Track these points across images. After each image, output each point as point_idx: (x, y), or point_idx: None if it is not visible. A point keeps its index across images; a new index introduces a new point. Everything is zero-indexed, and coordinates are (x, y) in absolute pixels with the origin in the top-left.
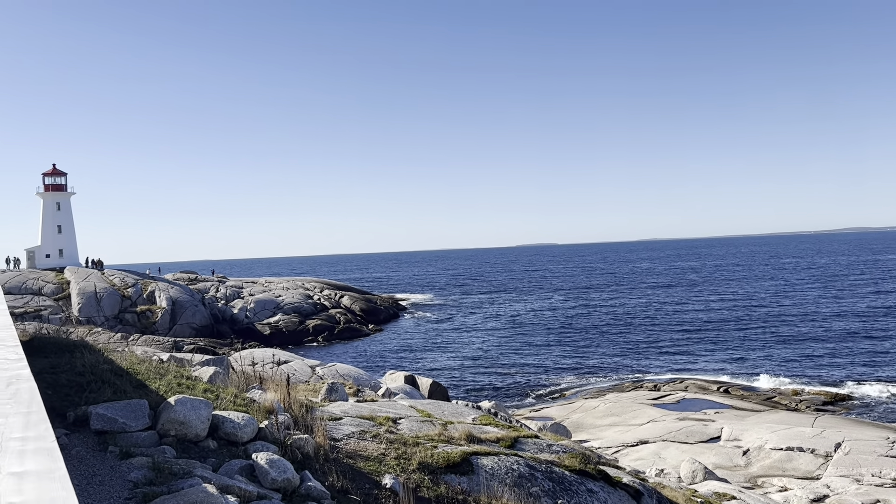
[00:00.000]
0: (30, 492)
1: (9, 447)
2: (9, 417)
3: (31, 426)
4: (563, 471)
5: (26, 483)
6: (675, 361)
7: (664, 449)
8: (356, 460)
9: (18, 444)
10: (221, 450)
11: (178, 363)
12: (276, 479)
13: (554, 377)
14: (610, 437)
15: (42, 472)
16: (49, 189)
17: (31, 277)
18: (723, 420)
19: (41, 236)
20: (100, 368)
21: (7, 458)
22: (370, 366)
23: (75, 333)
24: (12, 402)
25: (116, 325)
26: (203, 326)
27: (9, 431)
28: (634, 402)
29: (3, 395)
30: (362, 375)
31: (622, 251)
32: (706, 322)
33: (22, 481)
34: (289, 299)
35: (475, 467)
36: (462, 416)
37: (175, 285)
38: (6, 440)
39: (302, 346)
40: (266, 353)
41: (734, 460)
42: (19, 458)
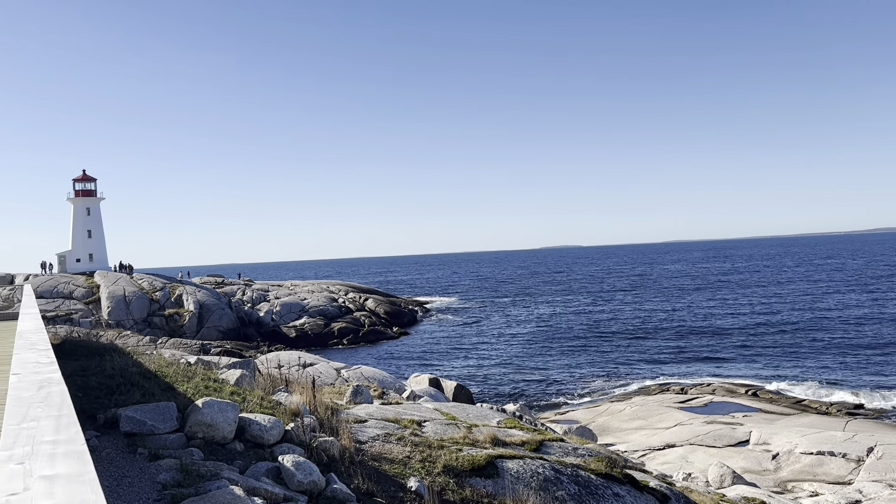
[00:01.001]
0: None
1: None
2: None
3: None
4: (589, 474)
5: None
6: (703, 365)
7: (691, 453)
8: (381, 463)
9: (49, 447)
10: (248, 452)
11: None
12: (302, 481)
13: (579, 380)
14: (636, 440)
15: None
16: (79, 194)
17: (62, 281)
18: (751, 424)
19: (72, 241)
20: (129, 371)
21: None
22: (394, 368)
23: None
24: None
25: (145, 329)
26: (230, 329)
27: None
28: (661, 406)
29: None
30: (387, 378)
31: (649, 252)
32: (734, 325)
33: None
34: (314, 302)
35: (500, 470)
36: (487, 419)
37: (202, 289)
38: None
39: (327, 348)
40: (292, 355)
41: (763, 464)
42: (50, 462)
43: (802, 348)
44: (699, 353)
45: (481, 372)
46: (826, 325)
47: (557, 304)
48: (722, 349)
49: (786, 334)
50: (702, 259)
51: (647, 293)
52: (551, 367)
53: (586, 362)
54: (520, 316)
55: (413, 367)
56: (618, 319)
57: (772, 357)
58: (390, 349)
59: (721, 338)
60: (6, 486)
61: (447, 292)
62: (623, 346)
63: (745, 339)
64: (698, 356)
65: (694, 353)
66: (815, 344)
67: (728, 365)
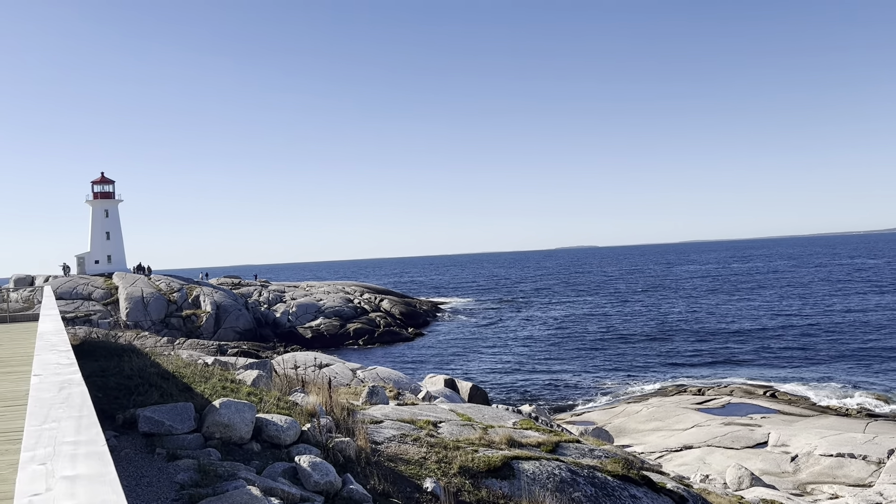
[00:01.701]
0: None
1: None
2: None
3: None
4: (606, 476)
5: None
6: (720, 366)
7: (709, 454)
8: (397, 464)
9: (70, 447)
10: (265, 452)
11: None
12: (319, 481)
13: (595, 381)
14: (653, 441)
15: (94, 475)
16: (97, 197)
17: (81, 283)
18: (769, 425)
19: (90, 243)
20: (147, 372)
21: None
22: (410, 369)
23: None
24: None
25: (163, 329)
26: (246, 330)
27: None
28: (678, 407)
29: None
30: (402, 379)
31: (665, 253)
32: (752, 326)
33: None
34: (330, 303)
35: (516, 472)
36: (502, 420)
37: (219, 290)
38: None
39: (342, 349)
40: (308, 356)
41: (782, 466)
42: (71, 462)
43: (822, 350)
44: (717, 355)
45: (496, 373)
46: (846, 326)
47: (573, 304)
48: (740, 351)
49: (805, 336)
50: (719, 259)
51: (663, 294)
52: (567, 369)
53: (602, 364)
54: (535, 317)
55: (428, 368)
56: (634, 320)
57: (790, 358)
58: (405, 350)
59: (739, 339)
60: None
61: (462, 293)
62: (639, 348)
63: (764, 340)
64: (716, 358)
65: (711, 354)
66: (834, 345)
67: (746, 366)
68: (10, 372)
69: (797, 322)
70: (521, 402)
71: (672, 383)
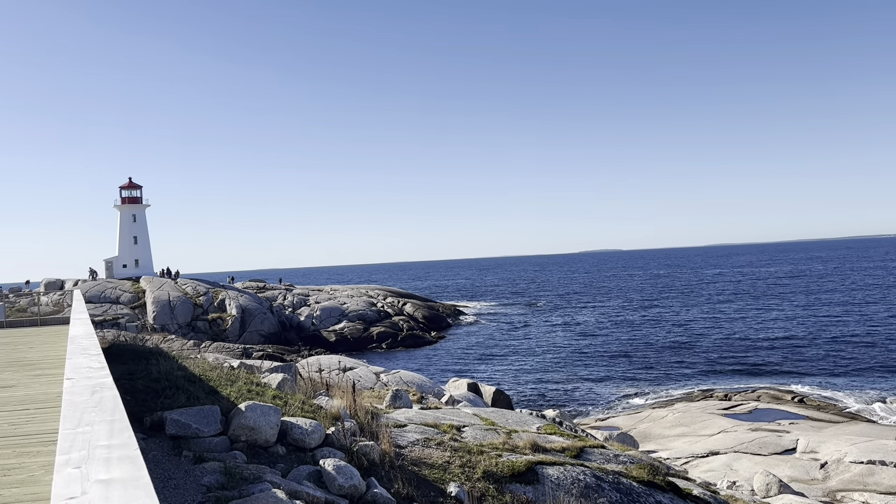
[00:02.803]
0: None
1: (95, 454)
2: (94, 425)
3: (115, 434)
4: (631, 482)
5: (113, 491)
6: (747, 371)
7: (736, 460)
8: (421, 468)
9: (104, 451)
10: (290, 455)
11: (248, 370)
12: (343, 485)
13: (620, 386)
14: (679, 447)
15: (127, 479)
16: (125, 202)
17: (109, 287)
18: (798, 431)
19: (118, 247)
20: (174, 375)
21: (94, 466)
22: (433, 373)
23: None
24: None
25: (189, 333)
26: (271, 333)
27: (95, 439)
28: (704, 412)
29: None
30: (426, 382)
31: (691, 256)
32: (780, 331)
33: (109, 489)
34: (353, 307)
35: (541, 477)
36: (526, 424)
37: (244, 294)
38: (93, 448)
39: (366, 352)
40: (332, 359)
41: (811, 473)
42: (105, 466)
43: (851, 356)
44: (743, 360)
45: (520, 377)
46: (877, 332)
47: (596, 309)
48: (767, 356)
49: (835, 342)
50: (747, 263)
51: (688, 298)
52: (591, 373)
53: (627, 368)
54: (559, 321)
55: (451, 372)
56: (659, 325)
57: (819, 364)
58: (428, 353)
59: (766, 344)
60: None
61: (485, 297)
62: (664, 353)
63: (791, 345)
64: (742, 363)
65: (737, 359)
66: (865, 351)
67: (773, 372)
68: (40, 374)
69: (826, 327)
70: (544, 406)
71: (698, 388)
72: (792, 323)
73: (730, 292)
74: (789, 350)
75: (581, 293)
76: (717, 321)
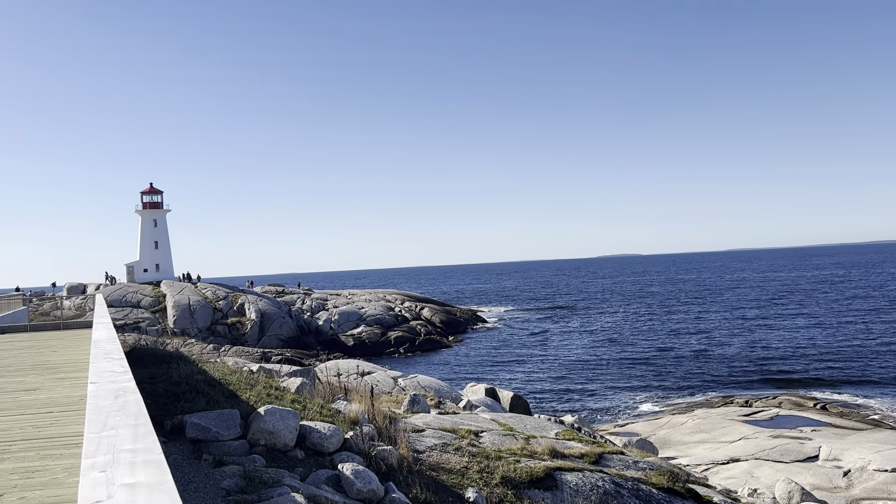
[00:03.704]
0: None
1: (120, 458)
2: (118, 429)
3: (139, 438)
4: (651, 488)
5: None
6: (768, 377)
7: (757, 468)
8: (439, 473)
9: (129, 455)
10: (309, 459)
11: (267, 374)
12: (362, 489)
13: (639, 392)
14: (699, 454)
15: (152, 483)
16: (146, 207)
17: (131, 291)
18: (820, 438)
19: (139, 252)
20: (194, 379)
21: (119, 470)
22: (450, 377)
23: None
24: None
25: (209, 337)
26: (290, 338)
27: (119, 443)
28: (724, 419)
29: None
30: (443, 387)
31: (711, 261)
32: (801, 337)
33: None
34: (371, 311)
35: (559, 483)
36: (544, 430)
37: (263, 298)
38: (117, 452)
39: (384, 357)
40: (350, 364)
41: (834, 481)
42: (130, 470)
43: (875, 363)
44: (765, 367)
45: (538, 382)
46: None
47: (615, 314)
48: (788, 362)
49: (857, 348)
50: (768, 268)
51: (709, 304)
52: (610, 379)
53: (646, 374)
54: (577, 326)
55: (469, 377)
56: (678, 331)
57: (842, 371)
58: (446, 358)
59: (787, 351)
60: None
61: (503, 302)
62: (684, 359)
63: (815, 352)
64: (764, 370)
65: (759, 366)
66: (891, 357)
67: (794, 378)
68: (64, 378)
69: (849, 334)
70: (563, 412)
71: (718, 395)
72: (814, 329)
73: (751, 297)
74: (811, 356)
75: (600, 298)
76: (738, 327)
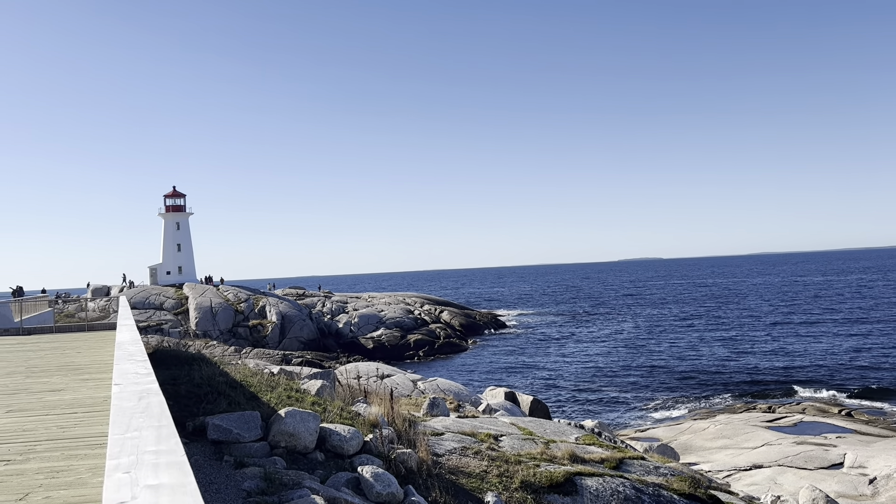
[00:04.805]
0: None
1: (144, 460)
2: (142, 431)
3: (162, 440)
4: (672, 494)
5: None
6: (792, 383)
7: (780, 474)
8: (458, 476)
9: (152, 457)
10: (328, 462)
11: (288, 376)
12: (381, 492)
13: (660, 397)
14: (721, 460)
15: (175, 485)
16: (169, 210)
17: (154, 293)
18: (845, 445)
19: (162, 254)
20: (216, 381)
21: (143, 471)
22: (469, 381)
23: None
24: (144, 415)
25: (230, 339)
26: (310, 340)
27: (143, 444)
28: (747, 424)
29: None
30: (462, 391)
31: (733, 265)
32: (825, 342)
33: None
34: (391, 314)
35: (579, 488)
36: (564, 435)
37: (284, 300)
38: (141, 453)
39: (403, 360)
40: (370, 366)
41: (859, 489)
42: (154, 471)
43: None
44: (788, 372)
45: (557, 386)
46: None
47: (637, 318)
48: (812, 368)
49: (885, 354)
50: (792, 273)
51: (732, 309)
52: (630, 383)
53: (667, 379)
54: (598, 330)
55: (488, 380)
56: (702, 335)
57: (867, 377)
58: (465, 361)
59: (810, 356)
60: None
61: (523, 305)
62: (707, 364)
63: (839, 357)
64: (787, 375)
65: (782, 372)
66: None
67: (820, 384)
68: (88, 379)
69: (875, 338)
70: (583, 416)
71: (740, 399)
72: (839, 334)
73: (775, 302)
74: (836, 362)
75: (620, 302)
76: (761, 332)
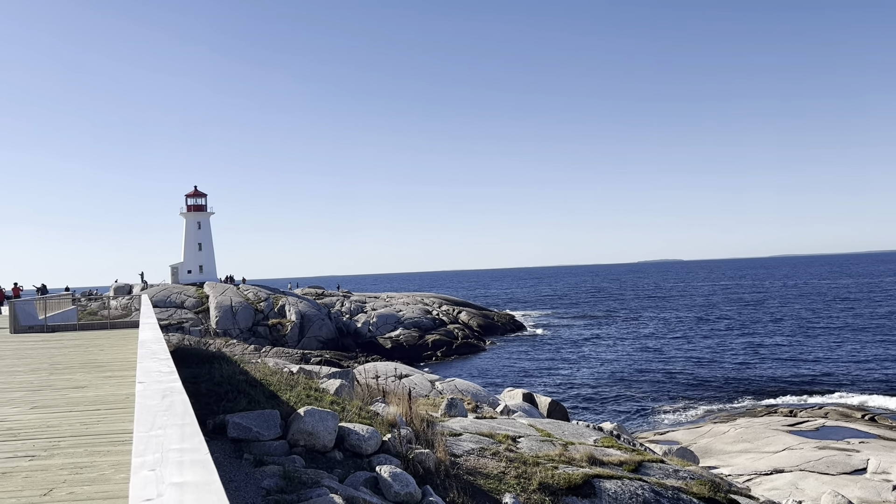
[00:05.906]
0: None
1: (168, 458)
2: (166, 429)
3: (186, 438)
4: (692, 498)
5: (187, 494)
6: (814, 387)
7: (802, 479)
8: (476, 477)
9: (177, 455)
10: (347, 461)
11: (307, 375)
12: (399, 492)
13: (679, 400)
14: (741, 464)
15: (200, 483)
16: (191, 209)
17: (175, 292)
18: (868, 450)
19: (183, 253)
20: (236, 379)
21: (168, 469)
22: (487, 382)
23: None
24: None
25: (250, 338)
26: (329, 339)
27: (167, 443)
28: (768, 428)
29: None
30: (480, 391)
31: (754, 267)
32: (848, 346)
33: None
34: (409, 314)
35: (597, 490)
36: (583, 437)
37: (303, 300)
38: (166, 451)
39: (421, 360)
40: (388, 366)
41: (882, 495)
42: (178, 469)
43: None
44: (811, 376)
45: (576, 388)
46: None
47: (656, 320)
48: (835, 372)
49: None
50: (814, 275)
51: (753, 311)
52: (650, 386)
53: (687, 381)
54: (616, 332)
55: (506, 381)
56: (722, 338)
57: (893, 382)
58: (483, 362)
59: (834, 360)
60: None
61: (542, 306)
62: (726, 367)
63: (863, 362)
64: (809, 379)
65: (805, 375)
66: None
67: (842, 389)
68: (111, 376)
69: None
70: (601, 419)
71: (761, 403)
72: (862, 338)
73: (797, 305)
74: (859, 366)
75: (640, 304)
76: (783, 335)
